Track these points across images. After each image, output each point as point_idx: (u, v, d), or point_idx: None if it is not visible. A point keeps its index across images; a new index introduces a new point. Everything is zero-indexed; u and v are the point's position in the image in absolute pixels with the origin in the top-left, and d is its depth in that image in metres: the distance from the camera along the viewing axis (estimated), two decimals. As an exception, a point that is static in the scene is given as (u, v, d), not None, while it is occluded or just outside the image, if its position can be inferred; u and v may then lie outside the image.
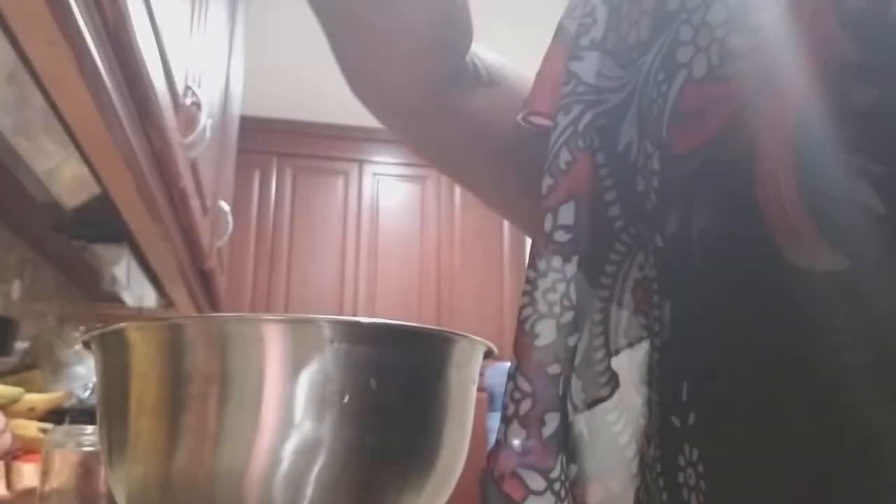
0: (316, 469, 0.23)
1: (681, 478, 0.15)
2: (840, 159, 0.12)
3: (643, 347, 0.18)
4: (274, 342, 0.23)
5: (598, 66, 0.20)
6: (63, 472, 0.45)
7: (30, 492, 0.52)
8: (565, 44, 0.22)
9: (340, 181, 2.51)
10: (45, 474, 0.45)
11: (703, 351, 0.15)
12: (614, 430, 0.18)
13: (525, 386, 0.18)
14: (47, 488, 0.45)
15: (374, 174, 2.55)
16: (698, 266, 0.15)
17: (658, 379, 0.16)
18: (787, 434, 0.13)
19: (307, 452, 0.22)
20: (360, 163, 2.54)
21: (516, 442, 0.18)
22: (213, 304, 1.34)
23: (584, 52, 0.21)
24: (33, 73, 0.46)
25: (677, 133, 0.16)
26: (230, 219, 1.27)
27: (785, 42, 0.14)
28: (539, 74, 0.25)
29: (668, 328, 0.16)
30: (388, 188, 2.53)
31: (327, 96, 2.33)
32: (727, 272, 0.15)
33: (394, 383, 0.24)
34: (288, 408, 0.22)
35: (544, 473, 0.18)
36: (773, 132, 0.14)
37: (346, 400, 0.23)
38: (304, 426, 0.22)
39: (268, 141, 2.45)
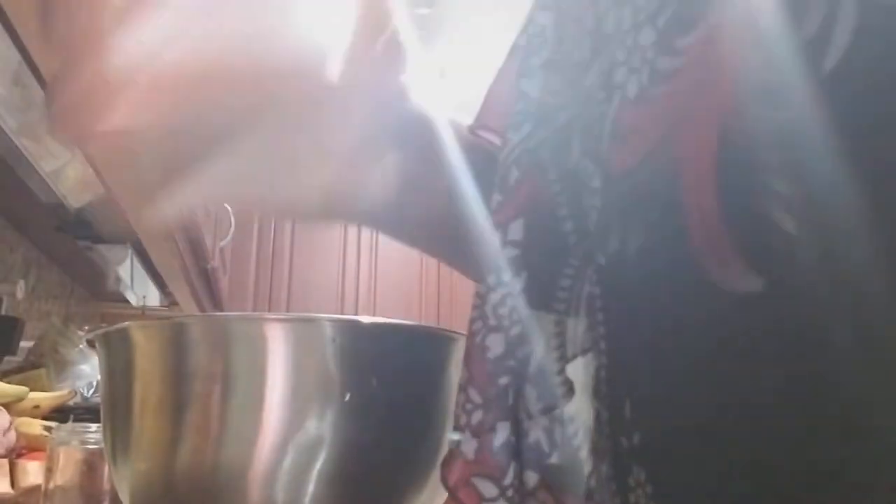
0: (317, 466, 0.23)
1: (632, 498, 0.15)
2: (757, 180, 0.13)
3: (592, 360, 0.18)
4: (276, 341, 0.23)
5: (548, 84, 0.21)
6: (67, 470, 0.45)
7: (34, 489, 0.52)
8: (517, 61, 0.23)
9: (343, 181, 2.51)
10: (49, 472, 0.46)
11: (639, 370, 0.15)
12: (574, 443, 0.18)
13: (476, 397, 0.19)
14: (52, 486, 0.46)
15: (377, 174, 2.54)
16: (634, 285, 0.16)
17: (606, 396, 0.16)
18: (724, 455, 0.13)
19: (309, 450, 0.23)
20: (363, 163, 2.53)
21: (469, 452, 0.18)
22: (216, 304, 1.34)
23: (535, 71, 0.21)
24: (38, 75, 0.46)
25: (615, 152, 0.17)
26: (232, 219, 1.28)
27: (706, 63, 0.14)
28: (491, 90, 0.25)
29: (609, 346, 0.16)
30: (391, 188, 2.53)
31: (329, 96, 2.32)
32: (659, 292, 0.15)
33: (394, 382, 0.24)
34: (290, 406, 0.23)
35: (496, 481, 0.18)
36: (697, 152, 0.14)
37: (347, 398, 0.23)
38: (305, 424, 0.23)
39: (270, 141, 2.44)
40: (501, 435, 0.18)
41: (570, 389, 0.19)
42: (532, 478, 0.18)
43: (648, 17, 0.16)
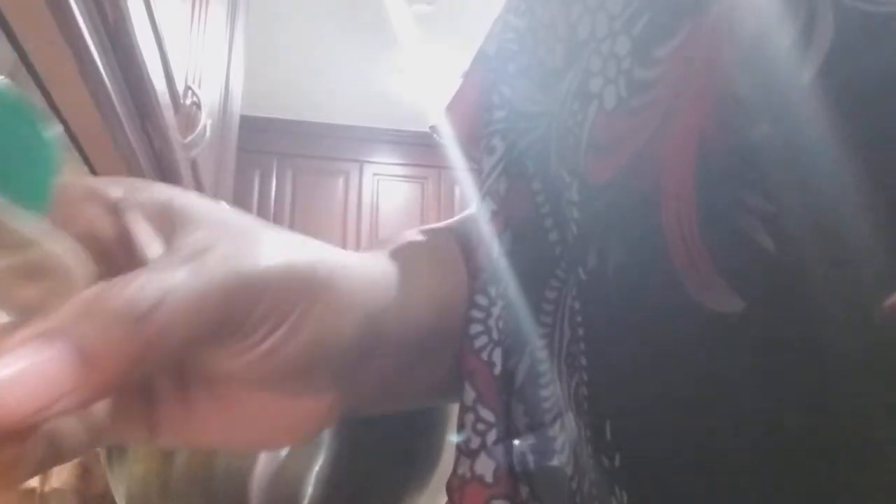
0: (316, 468, 0.22)
1: None
2: (735, 196, 0.12)
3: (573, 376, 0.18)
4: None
5: (527, 91, 0.20)
6: (63, 472, 0.45)
7: (30, 492, 0.52)
8: (487, 67, 0.22)
9: (340, 181, 2.51)
10: (45, 474, 0.45)
11: (618, 390, 0.15)
12: (561, 459, 0.18)
13: (488, 416, 0.18)
14: (47, 488, 0.45)
15: (374, 174, 2.55)
16: (613, 302, 0.15)
17: (587, 413, 0.16)
18: (708, 482, 0.13)
19: (307, 452, 0.22)
20: (360, 163, 2.54)
21: (487, 474, 0.18)
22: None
23: (513, 78, 0.21)
24: (33, 73, 0.46)
25: (592, 164, 0.16)
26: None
27: (684, 74, 0.14)
28: (458, 96, 0.25)
29: (589, 363, 0.16)
30: (388, 188, 2.54)
31: (327, 96, 2.33)
32: (638, 310, 0.14)
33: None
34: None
35: (514, 500, 0.17)
36: (675, 166, 0.14)
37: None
38: (304, 425, 0.22)
39: (268, 141, 2.45)
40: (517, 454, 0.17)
41: (557, 408, 0.18)
42: (523, 491, 0.17)
43: (623, 26, 0.15)
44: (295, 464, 0.22)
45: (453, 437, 0.19)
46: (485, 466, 0.17)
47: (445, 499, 0.27)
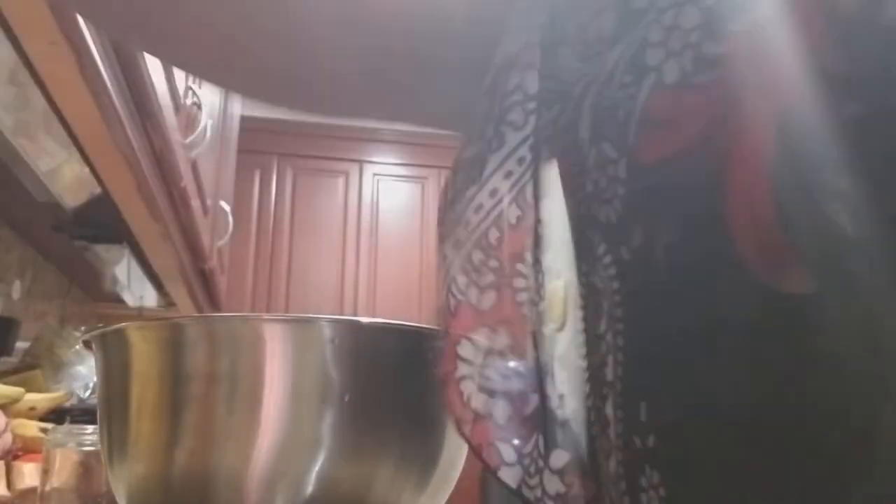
0: (316, 468, 0.23)
1: (644, 499, 0.15)
2: (817, 178, 0.12)
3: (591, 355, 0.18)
4: (274, 342, 0.23)
5: (563, 61, 0.20)
6: (63, 472, 0.45)
7: (30, 491, 0.52)
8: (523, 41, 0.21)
9: (341, 181, 2.51)
10: (45, 474, 0.45)
11: (661, 372, 0.15)
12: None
13: (518, 367, 0.18)
14: (48, 488, 0.45)
15: (375, 174, 2.55)
16: (662, 284, 0.15)
17: (621, 395, 0.16)
18: (750, 465, 0.13)
19: (307, 451, 0.22)
20: (361, 163, 2.54)
21: (501, 417, 0.18)
22: (214, 304, 1.34)
23: (557, 47, 0.20)
24: (34, 74, 0.46)
25: (646, 141, 0.16)
26: (230, 219, 1.27)
27: (766, 49, 0.13)
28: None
29: (626, 344, 0.16)
30: (389, 188, 2.53)
31: (328, 96, 2.32)
32: (692, 292, 0.14)
33: (394, 383, 0.24)
34: (288, 407, 0.22)
35: (518, 448, 0.18)
36: (748, 146, 0.13)
37: (346, 399, 0.23)
38: (304, 425, 0.22)
39: (268, 141, 2.45)
40: (531, 406, 0.18)
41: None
42: (562, 457, 0.17)
43: None
44: (294, 465, 0.22)
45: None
46: (501, 410, 0.18)
47: (445, 499, 0.27)
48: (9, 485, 0.53)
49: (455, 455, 0.26)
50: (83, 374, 0.98)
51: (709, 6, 0.14)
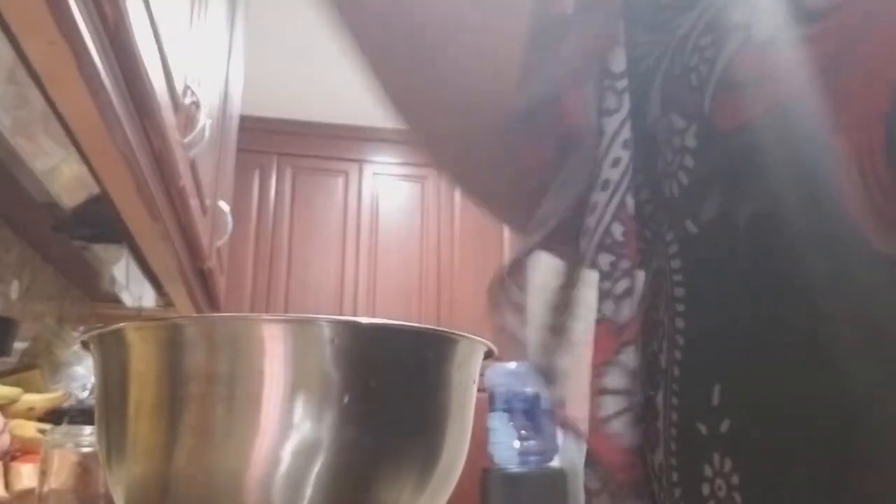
0: (315, 469, 0.22)
1: (706, 489, 0.14)
2: None
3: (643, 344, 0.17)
4: (274, 342, 0.22)
5: (629, 36, 0.18)
6: (62, 473, 0.45)
7: (28, 492, 0.52)
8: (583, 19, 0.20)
9: (340, 181, 2.51)
10: (43, 475, 0.45)
11: (739, 351, 0.14)
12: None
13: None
14: (46, 489, 0.45)
15: (374, 174, 2.55)
16: (743, 257, 0.14)
17: (679, 381, 0.15)
18: (838, 445, 0.12)
19: (307, 452, 0.22)
20: (360, 163, 2.53)
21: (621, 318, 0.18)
22: (213, 304, 1.34)
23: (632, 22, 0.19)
24: (33, 73, 0.46)
25: (726, 104, 0.14)
26: (230, 218, 1.27)
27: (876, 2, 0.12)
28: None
29: (689, 326, 0.15)
30: (388, 188, 2.53)
31: (327, 96, 2.33)
32: (783, 262, 0.13)
33: (393, 383, 0.24)
34: (288, 408, 0.22)
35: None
36: (859, 104, 0.12)
37: (345, 400, 0.23)
38: (303, 426, 0.22)
39: (267, 141, 2.44)
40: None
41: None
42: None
43: None
44: (293, 466, 0.22)
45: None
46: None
47: (445, 499, 0.27)
48: (7, 485, 0.53)
49: (455, 456, 0.26)
50: (81, 375, 0.98)
51: None
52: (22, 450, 0.60)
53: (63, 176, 0.77)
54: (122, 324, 0.24)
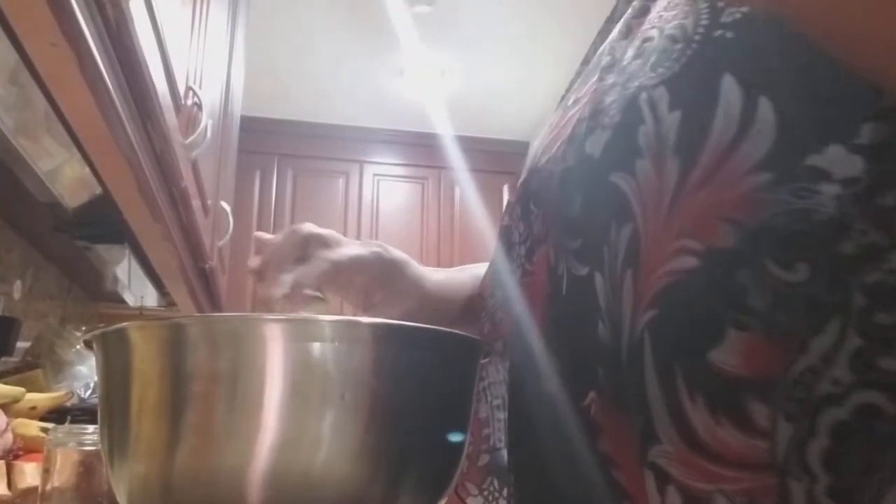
0: (316, 468, 0.23)
1: None
2: None
3: None
4: (275, 341, 0.23)
5: None
6: (64, 472, 0.45)
7: (31, 491, 0.52)
8: None
9: (341, 182, 2.51)
10: (46, 473, 0.46)
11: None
12: None
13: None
14: (49, 487, 0.45)
15: (375, 175, 2.55)
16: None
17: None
18: None
19: (307, 451, 0.22)
20: (361, 163, 2.54)
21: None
22: (215, 304, 1.34)
23: None
24: (35, 75, 0.46)
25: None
26: (231, 219, 1.27)
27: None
28: None
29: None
30: (389, 189, 2.53)
31: (328, 97, 2.33)
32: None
33: (394, 382, 0.24)
34: (288, 407, 0.22)
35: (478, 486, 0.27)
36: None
37: (346, 399, 0.23)
38: (304, 425, 0.22)
39: (268, 141, 2.45)
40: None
41: None
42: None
43: None
44: (294, 465, 0.22)
45: (455, 437, 0.20)
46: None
47: (445, 499, 0.27)
48: (10, 484, 0.54)
49: (455, 455, 0.27)
50: (84, 374, 0.98)
51: None
52: (25, 449, 0.60)
53: (65, 177, 0.77)
54: (124, 323, 0.24)
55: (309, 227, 0.37)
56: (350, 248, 0.36)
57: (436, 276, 0.39)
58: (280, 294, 0.32)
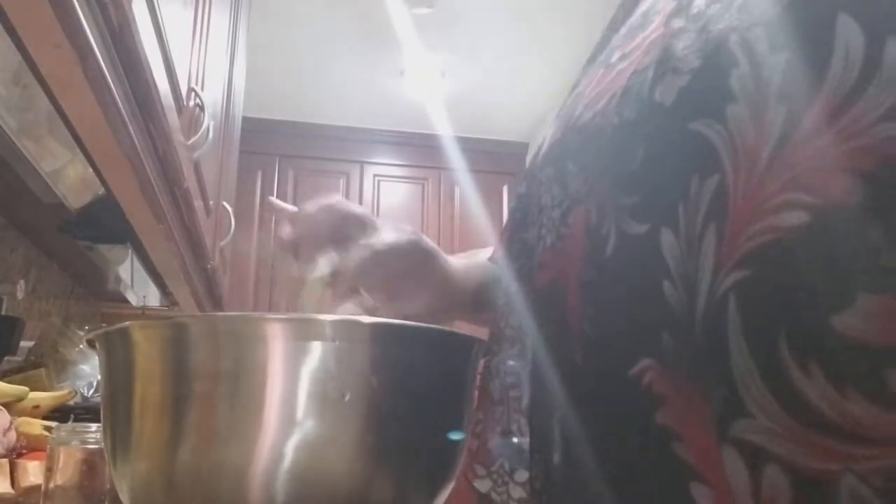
0: (317, 466, 0.23)
1: None
2: None
3: None
4: (276, 341, 0.23)
5: None
6: (67, 470, 0.46)
7: (34, 489, 0.52)
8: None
9: (342, 182, 2.51)
10: (49, 472, 0.46)
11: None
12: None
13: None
14: (52, 486, 0.46)
15: (375, 175, 2.55)
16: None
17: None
18: None
19: (308, 450, 0.23)
20: (361, 164, 2.54)
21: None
22: (217, 304, 1.34)
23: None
24: (38, 76, 0.47)
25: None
26: (233, 219, 1.28)
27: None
28: None
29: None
30: (389, 189, 2.54)
31: (329, 98, 2.33)
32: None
33: (394, 382, 0.24)
34: (290, 406, 0.23)
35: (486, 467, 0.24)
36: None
37: (346, 398, 0.23)
38: (305, 424, 0.23)
39: (270, 142, 2.45)
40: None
41: None
42: (523, 474, 0.21)
43: None
44: (295, 464, 0.23)
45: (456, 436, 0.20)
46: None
47: (444, 497, 0.27)
48: (13, 482, 0.54)
49: (455, 454, 0.27)
50: (87, 373, 0.98)
51: None
52: (28, 447, 0.61)
53: (68, 177, 0.77)
54: (127, 323, 0.25)
55: (345, 205, 0.35)
56: (388, 235, 0.34)
57: (457, 267, 0.39)
58: (317, 277, 0.32)
